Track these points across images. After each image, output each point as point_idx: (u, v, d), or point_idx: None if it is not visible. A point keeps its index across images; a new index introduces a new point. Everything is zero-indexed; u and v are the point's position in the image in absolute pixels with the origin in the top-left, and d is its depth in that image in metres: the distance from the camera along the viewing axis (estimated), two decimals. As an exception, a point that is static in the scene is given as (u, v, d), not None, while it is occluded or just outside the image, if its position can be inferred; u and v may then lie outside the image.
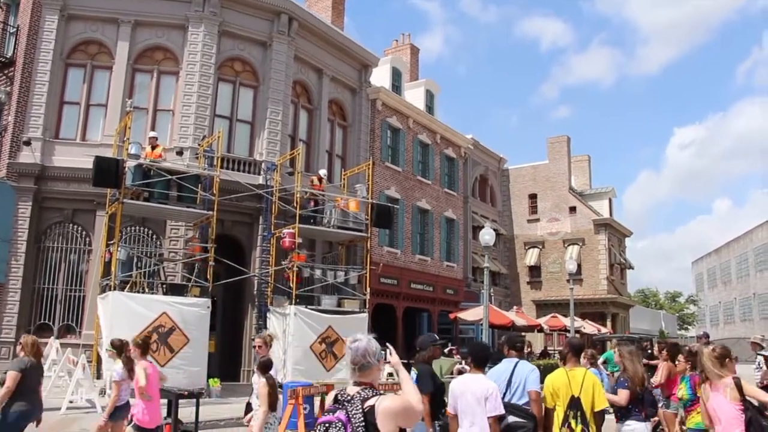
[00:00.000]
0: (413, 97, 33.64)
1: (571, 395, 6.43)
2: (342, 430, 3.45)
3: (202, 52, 21.77)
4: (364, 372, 3.72)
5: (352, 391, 3.64)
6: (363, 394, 3.61)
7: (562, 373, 6.65)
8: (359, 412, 3.50)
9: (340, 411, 3.53)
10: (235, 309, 21.62)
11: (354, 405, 3.54)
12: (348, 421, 3.48)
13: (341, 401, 3.61)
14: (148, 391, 7.93)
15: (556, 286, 41.09)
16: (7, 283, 19.54)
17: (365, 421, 3.47)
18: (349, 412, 3.51)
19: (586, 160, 48.36)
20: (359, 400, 3.57)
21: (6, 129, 20.99)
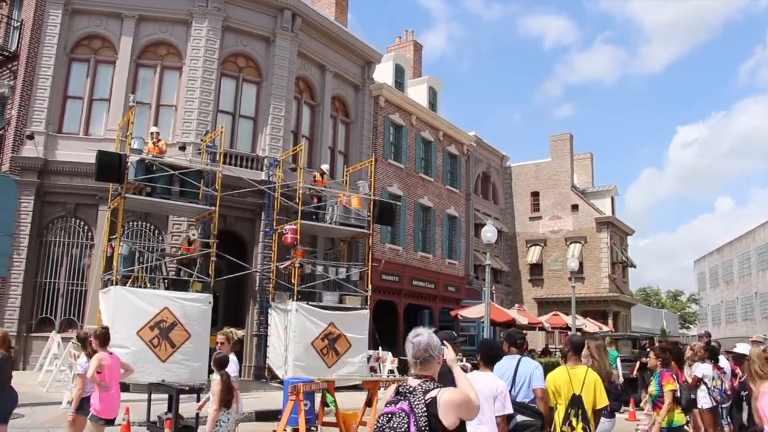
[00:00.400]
0: (416, 93, 33.61)
1: (572, 393, 6.44)
2: (406, 420, 3.61)
3: (206, 47, 21.76)
4: (425, 365, 3.87)
5: (413, 383, 3.80)
6: (425, 386, 3.77)
7: (563, 371, 6.65)
8: (422, 403, 3.66)
9: (403, 402, 3.69)
10: (236, 305, 21.63)
11: (416, 396, 3.69)
12: (411, 411, 3.63)
13: (403, 393, 3.76)
14: (105, 381, 8.14)
15: (558, 284, 41.08)
16: (9, 276, 19.56)
17: (427, 412, 3.63)
18: (412, 403, 3.66)
19: (589, 158, 48.27)
20: (421, 391, 3.73)
21: (9, 123, 21.00)
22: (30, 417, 12.25)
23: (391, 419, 3.68)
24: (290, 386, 12.04)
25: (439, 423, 3.66)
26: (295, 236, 19.54)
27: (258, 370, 20.59)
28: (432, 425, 3.65)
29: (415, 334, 3.96)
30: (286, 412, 11.64)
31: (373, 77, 28.51)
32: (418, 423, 3.61)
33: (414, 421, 3.61)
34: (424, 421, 3.62)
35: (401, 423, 3.63)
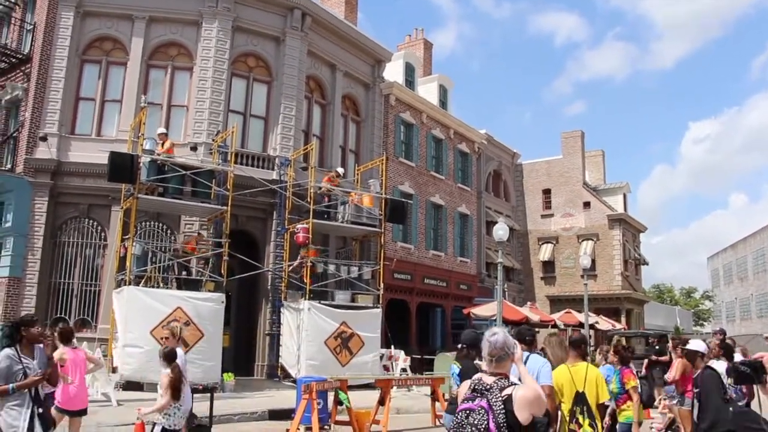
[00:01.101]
0: (426, 92, 33.58)
1: (575, 391, 6.45)
2: (485, 416, 3.78)
3: (216, 47, 21.82)
4: (500, 363, 4.04)
5: (489, 381, 3.97)
6: (500, 384, 3.94)
7: (564, 370, 6.63)
8: (499, 400, 3.83)
9: (480, 399, 3.87)
10: (249, 304, 21.69)
11: (494, 393, 3.86)
12: (490, 408, 3.80)
13: (479, 390, 3.94)
14: (69, 374, 8.98)
15: (570, 281, 40.94)
16: (24, 277, 19.71)
17: (505, 408, 3.79)
18: (490, 400, 3.83)
19: (600, 155, 48.07)
20: (498, 389, 3.90)
21: (23, 125, 21.15)
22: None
23: (469, 415, 3.85)
24: (303, 385, 12.09)
25: (515, 419, 3.80)
26: (306, 235, 19.57)
27: (271, 369, 20.64)
28: (509, 421, 3.79)
29: (491, 333, 4.16)
30: (300, 411, 11.68)
31: (383, 76, 28.51)
32: (497, 419, 3.77)
33: (492, 417, 3.77)
34: (502, 417, 3.77)
35: (481, 420, 3.78)
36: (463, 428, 3.85)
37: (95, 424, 12.04)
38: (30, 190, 20.24)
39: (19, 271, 19.72)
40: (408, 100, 30.26)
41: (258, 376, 20.62)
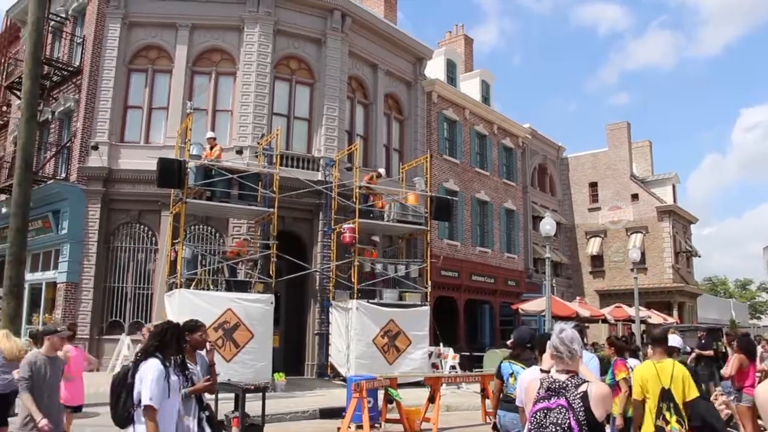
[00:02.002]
0: (469, 88, 33.46)
1: (661, 387, 6.44)
2: (566, 414, 3.81)
3: (258, 51, 22.09)
4: (571, 361, 4.07)
5: (562, 379, 4.00)
6: (574, 382, 3.97)
7: (650, 366, 6.64)
8: (578, 398, 3.86)
9: (557, 398, 3.90)
10: (298, 304, 21.91)
11: (571, 392, 3.89)
12: (569, 407, 3.83)
13: (555, 389, 3.96)
14: (71, 372, 9.39)
15: (620, 275, 40.33)
16: (80, 282, 20.28)
17: (583, 406, 3.83)
18: (569, 399, 3.86)
19: (648, 146, 47.14)
20: (573, 386, 3.93)
21: (75, 135, 21.74)
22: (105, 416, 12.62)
23: (547, 415, 3.87)
24: (353, 384, 12.18)
25: (593, 416, 3.84)
26: (353, 235, 19.69)
27: (321, 368, 20.83)
28: (588, 419, 3.83)
29: (560, 330, 4.19)
30: (350, 410, 11.78)
31: (424, 73, 28.50)
32: (578, 417, 3.80)
33: (573, 415, 3.80)
34: (582, 415, 3.80)
35: (563, 418, 3.82)
36: (545, 428, 3.88)
37: (152, 425, 12.30)
38: (84, 198, 20.81)
39: (75, 277, 20.31)
40: (450, 96, 30.20)
41: (308, 376, 20.83)
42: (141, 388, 4.83)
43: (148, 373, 4.87)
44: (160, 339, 5.09)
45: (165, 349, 5.10)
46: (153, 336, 5.11)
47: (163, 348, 5.08)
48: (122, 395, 4.91)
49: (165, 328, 5.20)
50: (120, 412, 4.90)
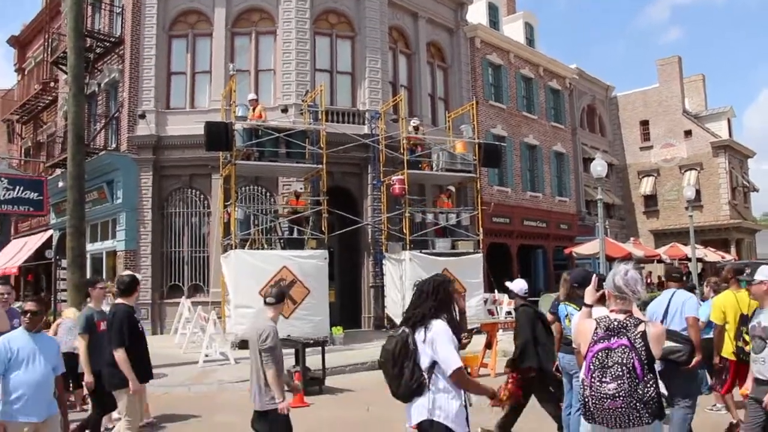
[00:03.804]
0: (512, 31, 32.74)
1: (740, 313, 7.49)
2: (630, 354, 3.89)
3: (297, 8, 21.91)
4: (626, 301, 4.16)
5: (619, 318, 4.08)
6: (632, 321, 4.06)
7: (730, 295, 7.83)
8: (638, 336, 3.95)
9: (618, 338, 3.97)
10: (352, 258, 22.06)
11: (631, 331, 3.97)
12: (632, 346, 3.92)
13: (615, 329, 4.02)
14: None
15: (674, 214, 39.46)
16: (138, 249, 20.77)
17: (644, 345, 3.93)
18: (630, 339, 3.94)
19: (701, 80, 45.52)
20: (632, 326, 4.01)
21: (122, 105, 22.02)
22: (172, 376, 13.02)
23: (609, 354, 3.93)
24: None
25: (651, 355, 3.95)
26: (403, 186, 19.60)
27: (377, 320, 21.03)
28: (648, 358, 3.93)
29: (624, 271, 4.20)
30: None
31: (466, 19, 27.94)
32: (640, 356, 3.88)
33: (636, 355, 3.88)
34: (644, 354, 3.89)
35: (627, 358, 3.89)
36: (608, 368, 3.91)
37: (217, 381, 12.64)
38: (135, 167, 21.16)
39: (133, 244, 20.80)
40: (493, 41, 29.60)
41: (366, 328, 21.06)
42: (440, 353, 4.37)
43: (442, 337, 4.40)
44: (436, 298, 4.56)
45: (443, 308, 4.58)
46: (427, 296, 4.55)
47: (441, 308, 4.57)
48: (407, 365, 4.43)
49: (436, 287, 4.61)
50: (410, 383, 4.42)
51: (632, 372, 3.85)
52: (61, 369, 5.82)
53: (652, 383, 3.89)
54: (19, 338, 5.62)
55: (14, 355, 5.46)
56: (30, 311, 5.69)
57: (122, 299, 7.06)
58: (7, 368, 5.44)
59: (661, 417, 4.00)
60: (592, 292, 4.60)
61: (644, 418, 3.86)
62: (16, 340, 5.59)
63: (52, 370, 5.65)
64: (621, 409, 3.85)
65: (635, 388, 3.84)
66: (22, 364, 5.47)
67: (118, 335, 6.71)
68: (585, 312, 4.52)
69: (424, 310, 4.48)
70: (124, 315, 6.83)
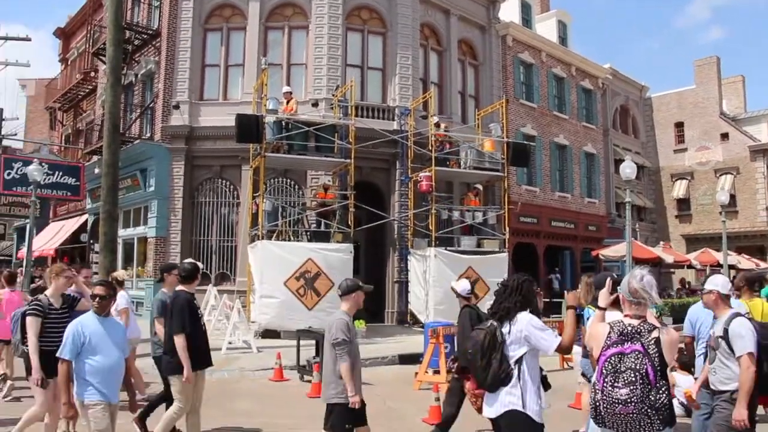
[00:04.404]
0: (545, 29, 32.61)
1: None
2: (643, 360, 3.90)
3: (329, 3, 22.15)
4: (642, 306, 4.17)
5: (635, 323, 4.09)
6: (646, 327, 4.06)
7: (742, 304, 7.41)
8: (652, 343, 3.95)
9: (632, 343, 3.98)
10: (377, 253, 22.25)
11: (645, 337, 3.98)
12: (645, 351, 3.92)
13: (628, 334, 4.04)
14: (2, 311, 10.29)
15: (708, 219, 38.90)
16: (168, 236, 21.24)
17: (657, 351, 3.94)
18: (644, 344, 3.95)
19: (740, 81, 44.53)
20: (646, 332, 4.02)
21: (157, 95, 22.50)
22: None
23: (622, 359, 3.95)
24: (430, 330, 12.43)
25: (664, 361, 3.94)
26: (430, 183, 19.73)
27: (401, 316, 21.22)
28: (661, 364, 3.92)
29: (641, 276, 4.19)
30: (427, 355, 12.04)
31: (498, 16, 27.92)
32: (653, 362, 3.88)
33: (649, 361, 3.88)
34: (657, 360, 3.88)
35: (640, 363, 3.89)
36: (620, 373, 3.93)
37: (239, 369, 12.94)
38: (168, 156, 21.61)
39: (164, 231, 21.28)
40: (526, 39, 29.54)
41: (389, 323, 21.25)
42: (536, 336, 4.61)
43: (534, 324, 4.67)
44: (520, 293, 4.82)
45: (526, 303, 4.86)
46: (512, 292, 4.83)
47: (527, 305, 4.84)
48: (495, 356, 4.62)
49: (520, 283, 4.89)
50: (497, 374, 4.60)
51: (645, 378, 3.87)
52: (127, 353, 5.99)
53: (664, 390, 3.91)
54: (90, 322, 5.72)
55: (87, 339, 5.58)
56: (99, 295, 5.80)
57: (183, 286, 7.20)
58: (80, 352, 5.58)
59: (671, 424, 4.00)
60: (606, 295, 4.67)
61: (655, 425, 3.88)
62: (88, 324, 5.70)
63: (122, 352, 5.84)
64: (632, 414, 3.87)
65: (647, 394, 3.85)
66: (96, 348, 5.61)
67: (179, 320, 6.85)
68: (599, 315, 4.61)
69: (510, 305, 4.76)
70: (185, 302, 6.97)
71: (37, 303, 6.84)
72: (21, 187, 26.52)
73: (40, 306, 6.79)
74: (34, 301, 6.93)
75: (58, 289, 7.03)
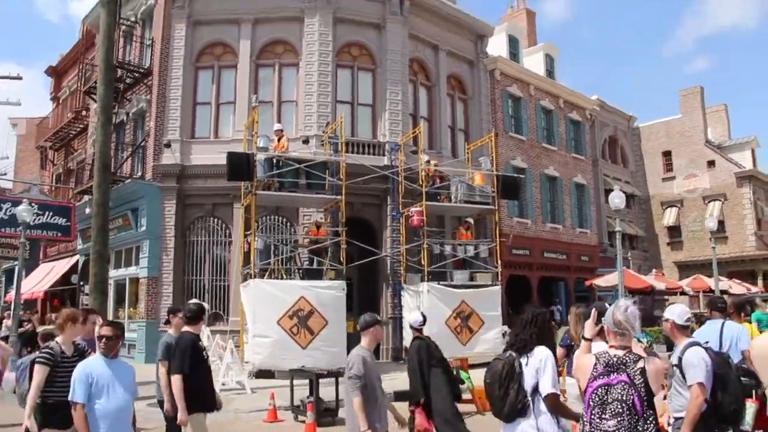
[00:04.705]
0: (532, 63, 32.99)
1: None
2: (630, 391, 3.93)
3: (319, 41, 22.37)
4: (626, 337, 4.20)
5: (620, 354, 4.11)
6: (632, 357, 4.09)
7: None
8: (638, 373, 3.98)
9: (618, 374, 4.01)
10: (370, 289, 22.19)
11: (631, 368, 4.01)
12: (632, 382, 3.95)
13: (614, 365, 4.07)
14: None
15: (699, 245, 39.07)
16: (160, 276, 21.11)
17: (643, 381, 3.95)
18: (630, 375, 3.98)
19: (723, 110, 45.20)
20: (632, 362, 4.05)
21: (149, 134, 22.56)
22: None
23: (609, 391, 3.98)
24: (425, 366, 12.34)
25: (650, 391, 3.96)
26: (421, 218, 19.79)
27: (395, 352, 21.12)
28: (648, 395, 3.94)
29: (624, 306, 4.25)
30: (422, 392, 11.94)
31: (486, 51, 28.26)
32: (640, 392, 3.91)
33: (636, 392, 3.91)
34: (643, 391, 3.91)
35: (626, 395, 3.93)
36: (607, 404, 3.97)
37: (233, 411, 12.82)
38: (160, 195, 21.59)
39: (156, 271, 21.15)
40: (514, 73, 29.87)
41: (384, 359, 21.09)
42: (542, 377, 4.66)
43: (549, 363, 4.74)
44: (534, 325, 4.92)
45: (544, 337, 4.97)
46: (528, 324, 4.93)
47: (543, 337, 4.95)
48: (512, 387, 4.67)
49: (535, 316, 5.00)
50: (514, 404, 4.65)
51: (632, 408, 3.90)
52: (137, 394, 5.80)
53: (651, 420, 3.93)
54: (97, 364, 5.52)
55: (94, 381, 5.39)
56: (105, 336, 5.57)
57: (189, 327, 7.11)
58: (90, 395, 5.38)
59: None
60: (591, 326, 4.75)
61: None
62: (95, 366, 5.50)
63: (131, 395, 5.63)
64: None
65: (635, 425, 3.87)
66: (102, 391, 5.41)
67: (179, 361, 6.74)
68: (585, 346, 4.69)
69: (526, 336, 4.84)
70: (189, 343, 6.88)
71: (49, 351, 6.37)
72: (10, 228, 26.38)
73: (51, 354, 6.32)
74: (45, 349, 6.49)
75: (71, 337, 6.65)
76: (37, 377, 6.21)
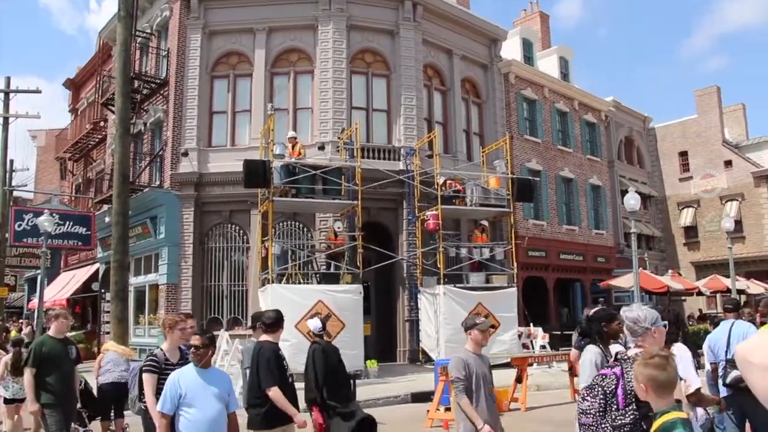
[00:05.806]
0: (546, 65, 33.05)
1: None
2: (615, 382, 4.10)
3: (334, 48, 22.60)
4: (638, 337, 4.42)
5: (631, 353, 4.31)
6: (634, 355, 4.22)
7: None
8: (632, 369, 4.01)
9: (617, 367, 4.19)
10: (387, 292, 22.35)
11: (629, 363, 4.13)
12: (621, 376, 4.10)
13: (619, 359, 4.28)
14: None
15: (716, 245, 38.83)
16: (179, 283, 21.40)
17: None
18: (623, 369, 4.13)
19: (741, 110, 44.99)
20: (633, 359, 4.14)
21: (166, 143, 22.88)
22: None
23: (603, 379, 4.17)
24: (440, 367, 12.48)
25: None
26: (437, 222, 19.97)
27: (412, 354, 21.24)
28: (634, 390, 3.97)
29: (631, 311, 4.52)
30: (438, 393, 12.09)
31: (500, 55, 28.35)
32: (626, 387, 4.04)
33: (622, 384, 4.06)
34: (631, 386, 3.97)
35: (609, 383, 4.11)
36: (593, 389, 4.17)
37: (253, 414, 12.97)
38: (178, 203, 21.90)
39: (175, 278, 21.44)
40: (528, 76, 29.95)
41: (401, 362, 21.27)
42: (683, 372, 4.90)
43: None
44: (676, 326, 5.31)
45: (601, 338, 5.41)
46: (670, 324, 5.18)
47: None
48: None
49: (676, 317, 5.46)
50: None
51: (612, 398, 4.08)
52: (234, 406, 5.56)
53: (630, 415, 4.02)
54: (188, 374, 5.41)
55: (183, 392, 5.28)
56: (195, 345, 5.46)
57: (267, 336, 6.88)
58: (178, 405, 5.29)
59: None
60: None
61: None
62: (186, 376, 5.40)
63: (225, 406, 5.44)
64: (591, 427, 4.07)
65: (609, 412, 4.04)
66: (192, 401, 5.29)
67: (268, 375, 6.53)
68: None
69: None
70: (271, 353, 6.66)
71: (153, 358, 6.35)
72: (32, 238, 26.89)
73: (156, 361, 6.30)
74: (150, 357, 6.44)
75: (174, 343, 6.52)
76: (149, 385, 6.22)
